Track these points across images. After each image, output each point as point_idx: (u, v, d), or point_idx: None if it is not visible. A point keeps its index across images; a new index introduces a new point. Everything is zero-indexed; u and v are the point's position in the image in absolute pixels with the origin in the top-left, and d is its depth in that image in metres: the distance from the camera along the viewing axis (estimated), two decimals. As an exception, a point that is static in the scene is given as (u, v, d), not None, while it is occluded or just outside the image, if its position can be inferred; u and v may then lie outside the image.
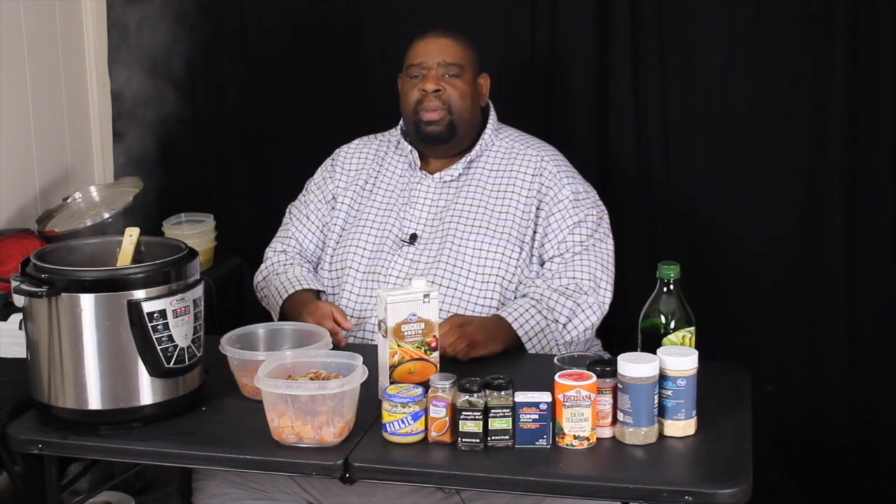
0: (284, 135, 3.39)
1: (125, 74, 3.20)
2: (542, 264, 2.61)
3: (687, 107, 3.08)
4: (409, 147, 2.74)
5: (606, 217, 2.68)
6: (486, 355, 2.38)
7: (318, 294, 2.68)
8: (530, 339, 2.45)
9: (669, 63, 3.06)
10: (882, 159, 2.95)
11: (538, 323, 2.46)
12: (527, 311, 2.47)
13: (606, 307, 2.57)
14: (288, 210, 2.86)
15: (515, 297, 2.57)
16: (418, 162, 2.72)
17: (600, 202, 2.69)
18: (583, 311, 2.51)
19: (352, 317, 2.60)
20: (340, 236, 2.72)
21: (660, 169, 3.11)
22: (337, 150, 2.86)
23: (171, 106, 3.07)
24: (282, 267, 2.74)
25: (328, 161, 2.85)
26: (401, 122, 2.80)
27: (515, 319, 2.45)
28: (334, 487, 2.23)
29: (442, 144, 2.69)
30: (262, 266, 2.80)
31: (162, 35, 3.07)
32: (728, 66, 3.03)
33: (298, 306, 2.58)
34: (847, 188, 2.98)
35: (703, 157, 3.09)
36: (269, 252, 2.81)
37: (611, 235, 2.66)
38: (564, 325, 2.49)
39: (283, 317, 2.63)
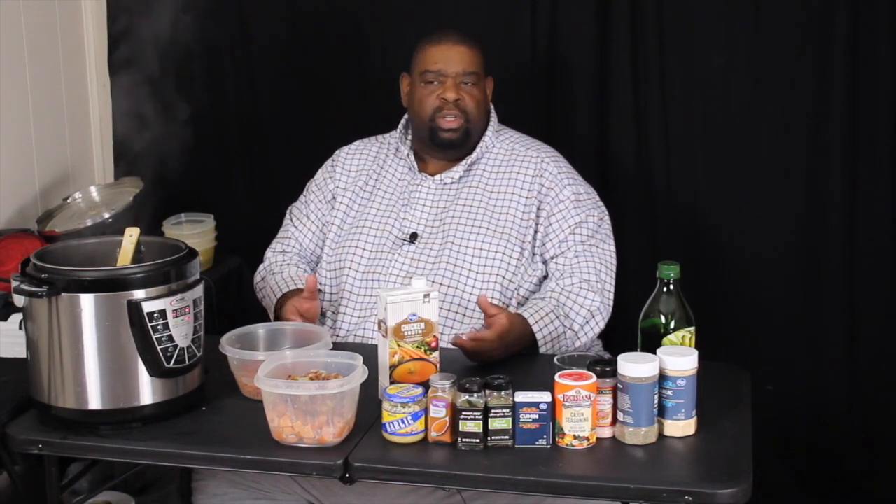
0: (284, 135, 3.39)
1: (125, 74, 3.20)
2: (545, 262, 2.61)
3: (687, 107, 3.08)
4: (407, 151, 2.74)
5: (608, 219, 2.67)
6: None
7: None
8: (546, 344, 2.45)
9: (669, 63, 3.06)
10: (882, 160, 2.95)
11: (556, 329, 2.46)
12: (547, 314, 2.46)
13: (610, 310, 2.57)
14: (288, 211, 2.86)
15: (515, 296, 2.57)
16: (416, 165, 2.73)
17: (601, 204, 2.68)
18: (593, 317, 2.51)
19: (352, 317, 2.61)
20: (339, 236, 2.72)
21: (660, 169, 3.11)
22: (337, 151, 2.86)
23: (172, 106, 3.07)
24: (278, 267, 2.74)
25: (328, 162, 2.85)
26: (400, 125, 2.79)
27: (536, 322, 2.44)
28: (334, 487, 2.23)
29: (454, 150, 2.69)
30: (261, 266, 2.80)
31: (162, 35, 3.07)
32: (728, 66, 3.03)
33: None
34: (847, 189, 2.98)
35: (703, 157, 3.09)
36: (268, 253, 2.82)
37: (612, 237, 2.66)
38: (576, 333, 2.50)
39: (278, 317, 2.63)
